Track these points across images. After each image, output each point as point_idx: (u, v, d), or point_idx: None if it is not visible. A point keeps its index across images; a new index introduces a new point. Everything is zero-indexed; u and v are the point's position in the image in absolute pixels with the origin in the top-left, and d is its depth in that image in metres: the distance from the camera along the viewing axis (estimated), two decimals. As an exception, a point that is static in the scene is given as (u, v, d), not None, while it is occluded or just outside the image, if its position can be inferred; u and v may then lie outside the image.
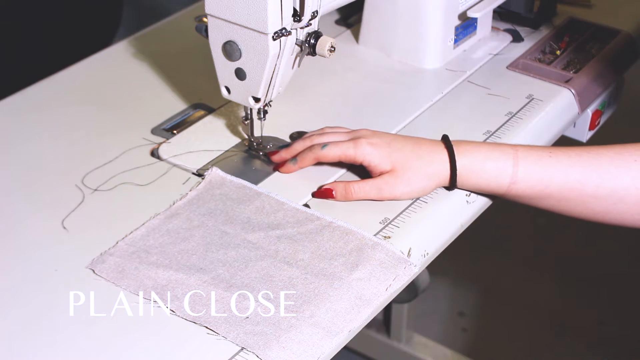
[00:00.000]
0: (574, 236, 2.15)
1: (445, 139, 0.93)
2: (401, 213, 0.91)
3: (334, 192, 0.92)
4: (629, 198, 0.89)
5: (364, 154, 0.92)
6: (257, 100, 0.96)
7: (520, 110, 1.08)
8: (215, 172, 0.96)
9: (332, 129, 0.98)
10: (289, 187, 0.95)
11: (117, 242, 0.87)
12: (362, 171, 0.95)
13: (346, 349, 0.82)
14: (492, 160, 0.91)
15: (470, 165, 0.91)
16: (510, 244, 2.17)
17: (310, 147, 0.95)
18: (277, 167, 0.97)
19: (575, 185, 0.90)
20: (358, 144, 0.92)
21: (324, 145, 0.94)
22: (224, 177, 0.95)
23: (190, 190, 0.94)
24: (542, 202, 0.92)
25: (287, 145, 0.99)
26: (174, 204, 0.92)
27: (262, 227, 0.89)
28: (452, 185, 0.92)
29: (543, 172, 0.90)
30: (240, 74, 0.94)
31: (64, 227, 0.90)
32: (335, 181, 0.95)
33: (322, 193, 0.93)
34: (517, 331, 1.94)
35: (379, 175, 0.92)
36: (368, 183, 0.92)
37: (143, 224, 0.89)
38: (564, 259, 2.12)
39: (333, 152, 0.93)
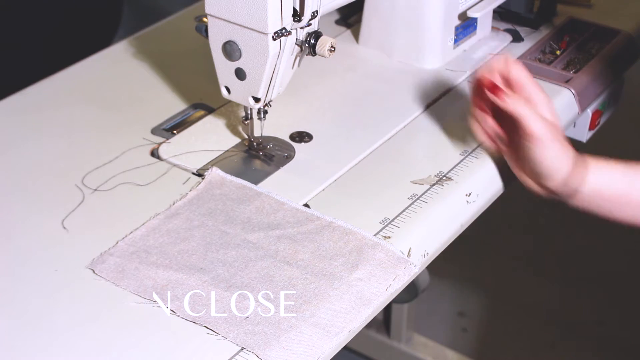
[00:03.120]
0: (574, 236, 2.15)
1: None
2: (401, 213, 0.91)
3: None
4: None
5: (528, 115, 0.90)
6: (257, 100, 0.96)
7: (520, 110, 1.08)
8: (215, 172, 0.96)
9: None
10: (289, 187, 0.95)
11: (117, 242, 0.87)
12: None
13: (346, 349, 0.82)
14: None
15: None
16: (510, 244, 2.17)
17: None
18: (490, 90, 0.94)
19: None
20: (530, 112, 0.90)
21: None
22: (224, 177, 0.95)
23: (190, 190, 0.94)
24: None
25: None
26: (174, 204, 0.92)
27: (262, 227, 0.89)
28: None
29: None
30: (240, 74, 0.94)
31: (64, 227, 0.90)
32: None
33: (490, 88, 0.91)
34: (517, 331, 1.94)
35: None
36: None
37: (143, 224, 0.89)
38: (564, 259, 2.12)
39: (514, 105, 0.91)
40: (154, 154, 1.01)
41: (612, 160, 0.95)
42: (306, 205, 0.93)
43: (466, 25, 1.19)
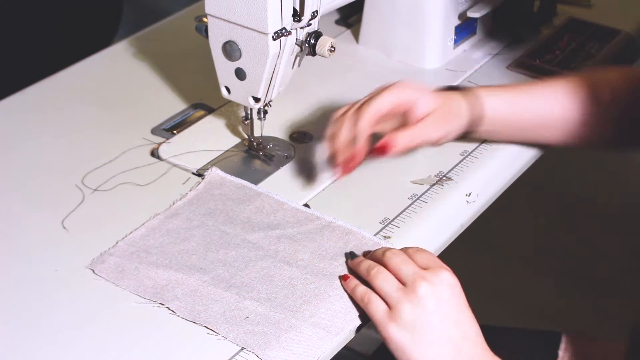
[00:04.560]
0: (574, 236, 2.15)
1: None
2: (401, 213, 0.91)
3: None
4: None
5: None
6: (257, 100, 0.96)
7: (520, 110, 1.08)
8: (215, 172, 0.96)
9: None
10: (289, 187, 0.95)
11: (117, 242, 0.87)
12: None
13: (346, 348, 0.82)
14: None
15: None
16: (510, 244, 2.17)
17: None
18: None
19: None
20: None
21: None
22: (224, 177, 0.95)
23: (190, 190, 0.94)
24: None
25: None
26: (174, 204, 0.92)
27: (262, 227, 0.89)
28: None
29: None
30: (240, 74, 0.94)
31: (64, 227, 0.90)
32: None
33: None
34: (517, 331, 1.93)
35: None
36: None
37: (143, 224, 0.89)
38: (564, 259, 2.12)
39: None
40: (154, 154, 1.01)
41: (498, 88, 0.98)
42: (306, 205, 0.93)
43: (466, 25, 1.19)
